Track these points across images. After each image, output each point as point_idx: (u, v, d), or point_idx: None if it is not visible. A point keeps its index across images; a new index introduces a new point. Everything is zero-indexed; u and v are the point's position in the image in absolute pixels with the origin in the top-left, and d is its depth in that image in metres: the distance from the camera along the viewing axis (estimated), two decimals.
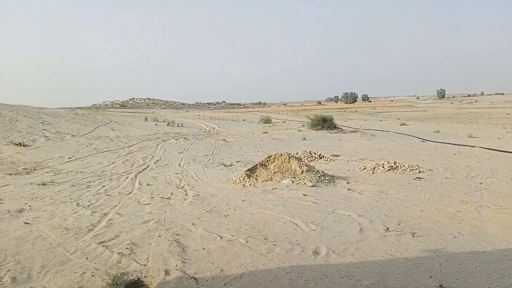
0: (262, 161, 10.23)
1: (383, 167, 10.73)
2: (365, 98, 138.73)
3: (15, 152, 14.43)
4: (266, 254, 4.86)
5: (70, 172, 10.97)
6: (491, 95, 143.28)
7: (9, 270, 4.33)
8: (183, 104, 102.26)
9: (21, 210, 6.88)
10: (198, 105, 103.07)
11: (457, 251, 4.89)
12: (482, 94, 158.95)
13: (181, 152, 15.00)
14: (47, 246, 5.11)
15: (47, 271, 4.33)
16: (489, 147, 14.92)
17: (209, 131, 25.42)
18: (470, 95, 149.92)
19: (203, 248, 5.05)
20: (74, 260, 4.63)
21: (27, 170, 11.11)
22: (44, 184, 9.10)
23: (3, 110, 23.79)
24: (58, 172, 10.89)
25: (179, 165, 12.22)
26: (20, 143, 15.91)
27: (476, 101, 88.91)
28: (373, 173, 10.37)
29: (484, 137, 18.86)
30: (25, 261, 4.59)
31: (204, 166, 11.96)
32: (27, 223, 6.08)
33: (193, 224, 6.08)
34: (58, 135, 19.23)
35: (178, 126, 27.46)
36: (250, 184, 9.18)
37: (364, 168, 10.86)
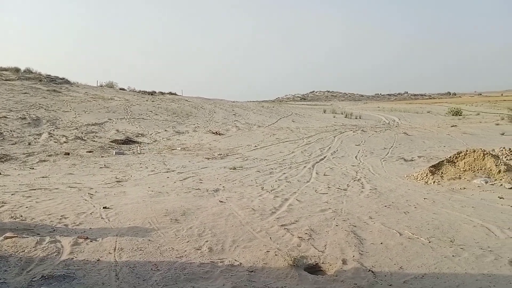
0: (450, 157, 9.34)
1: None
2: None
3: (212, 139, 16.66)
4: (451, 258, 4.47)
5: (256, 159, 12.08)
6: None
7: (207, 241, 5.05)
8: (362, 95, 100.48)
9: (216, 190, 7.93)
10: (377, 97, 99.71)
11: None
12: None
13: (358, 145, 14.86)
14: (237, 223, 5.78)
15: (237, 246, 4.91)
16: None
17: (389, 123, 24.42)
18: None
19: (381, 243, 4.94)
20: (259, 239, 5.13)
21: (221, 156, 12.72)
22: (235, 168, 10.27)
23: (204, 104, 27.68)
24: (246, 159, 12.13)
25: (355, 157, 12.15)
26: (216, 132, 18.31)
27: None
28: None
29: None
30: (219, 235, 5.30)
31: (382, 160, 11.59)
32: (221, 202, 6.98)
33: (370, 218, 6.00)
34: (247, 126, 21.35)
35: (356, 118, 27.20)
36: (434, 182, 8.51)
37: None
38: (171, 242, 4.93)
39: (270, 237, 5.18)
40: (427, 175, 8.83)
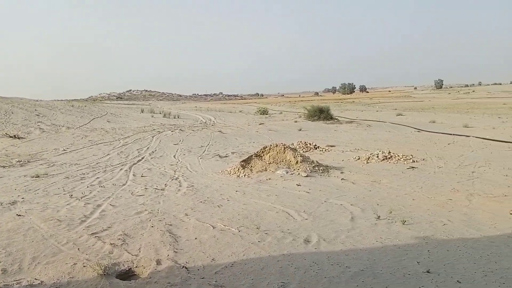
0: (257, 152, 10.25)
1: (377, 157, 10.76)
2: (363, 89, 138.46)
3: (10, 144, 14.40)
4: (257, 243, 4.90)
5: (64, 164, 10.96)
6: (488, 85, 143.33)
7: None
8: (180, 95, 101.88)
9: (13, 202, 6.88)
10: (195, 97, 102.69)
11: (446, 238, 4.94)
12: (480, 84, 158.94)
13: (177, 144, 15.00)
14: (38, 237, 5.12)
15: (38, 263, 4.35)
16: (484, 137, 14.97)
17: (206, 122, 25.41)
18: (467, 85, 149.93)
19: (195, 238, 5.08)
20: (65, 251, 4.65)
21: (21, 163, 11.09)
22: (38, 176, 9.10)
23: None
24: (52, 164, 10.88)
25: (174, 156, 12.23)
26: (14, 136, 15.87)
27: (474, 91, 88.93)
28: (367, 163, 10.40)
29: (480, 127, 18.90)
30: (16, 253, 4.61)
31: (199, 158, 11.97)
32: (19, 215, 6.09)
33: (186, 215, 6.10)
34: (53, 127, 19.18)
35: (174, 118, 27.42)
36: (245, 175, 9.20)
37: (359, 158, 10.89)
38: None
39: (78, 248, 4.76)
40: (238, 169, 9.49)
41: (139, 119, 25.53)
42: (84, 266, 4.21)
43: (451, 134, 16.26)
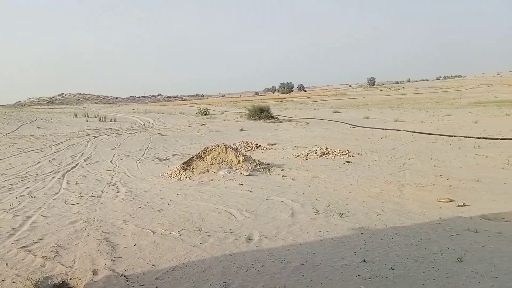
0: (199, 153, 10.16)
1: (315, 153, 11.10)
2: (301, 88, 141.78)
3: None
4: (199, 245, 4.85)
5: None
6: (416, 81, 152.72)
7: None
8: (116, 98, 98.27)
9: None
10: (132, 99, 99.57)
11: (380, 227, 5.21)
12: (409, 81, 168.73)
13: (114, 148, 14.45)
14: None
15: None
16: (413, 130, 15.97)
17: (144, 125, 24.71)
18: (397, 82, 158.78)
19: (135, 245, 4.93)
20: None
21: None
22: None
23: None
24: None
25: (111, 161, 11.77)
26: None
27: (403, 87, 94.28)
28: (306, 159, 10.69)
29: (409, 121, 20.13)
30: None
31: (138, 162, 11.62)
32: None
33: (124, 221, 5.90)
34: None
35: (111, 121, 26.38)
36: (186, 177, 9.08)
37: (298, 155, 11.16)
38: None
39: (6, 264, 4.44)
40: (180, 172, 9.34)
41: (72, 124, 24.28)
42: (13, 282, 3.94)
43: (383, 129, 17.15)
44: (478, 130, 15.07)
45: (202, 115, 31.11)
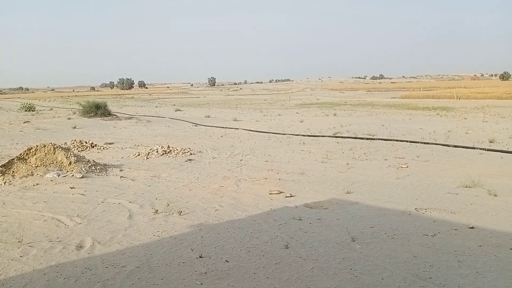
0: (21, 154, 8.94)
1: (157, 152, 10.90)
2: (142, 85, 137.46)
3: None
4: (19, 259, 4.27)
5: None
6: (252, 83, 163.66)
7: None
8: None
9: None
10: None
11: (217, 222, 5.41)
12: (246, 83, 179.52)
13: None
14: None
15: None
16: (250, 129, 17.06)
17: None
18: (236, 83, 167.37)
19: None
20: None
21: None
22: None
23: None
24: None
25: None
26: None
27: (241, 88, 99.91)
28: (147, 158, 10.41)
29: (246, 120, 21.42)
30: None
31: None
32: None
33: None
34: None
35: None
36: (5, 183, 7.91)
37: (139, 154, 10.80)
38: None
39: None
40: None
41: None
42: None
43: (223, 127, 17.88)
44: (303, 128, 16.96)
45: (26, 111, 27.54)
